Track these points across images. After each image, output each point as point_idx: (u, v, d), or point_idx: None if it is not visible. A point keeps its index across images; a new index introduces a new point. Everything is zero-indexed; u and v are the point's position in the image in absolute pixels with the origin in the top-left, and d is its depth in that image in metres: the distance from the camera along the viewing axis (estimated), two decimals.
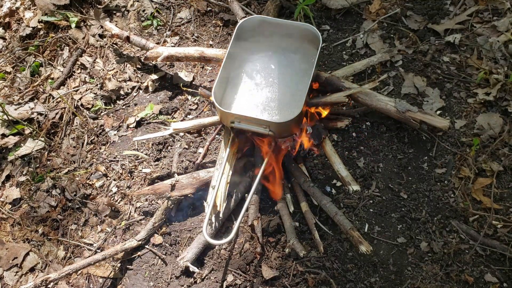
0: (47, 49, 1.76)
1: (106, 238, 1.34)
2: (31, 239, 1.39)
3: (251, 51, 1.42)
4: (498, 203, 1.22)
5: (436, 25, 1.53)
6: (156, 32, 1.76)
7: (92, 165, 1.48)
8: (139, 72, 1.69)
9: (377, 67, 1.48)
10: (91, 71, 1.70)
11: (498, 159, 1.28)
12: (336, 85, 1.32)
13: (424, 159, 1.31)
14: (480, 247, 1.17)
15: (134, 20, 1.78)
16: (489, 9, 1.52)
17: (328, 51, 1.57)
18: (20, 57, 1.76)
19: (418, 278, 1.15)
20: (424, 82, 1.43)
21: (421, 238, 1.20)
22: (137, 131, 1.53)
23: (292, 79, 1.37)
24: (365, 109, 1.38)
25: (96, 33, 1.77)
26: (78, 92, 1.65)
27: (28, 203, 1.45)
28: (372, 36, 1.56)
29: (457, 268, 1.16)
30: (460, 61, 1.45)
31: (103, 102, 1.62)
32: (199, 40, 1.71)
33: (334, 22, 1.64)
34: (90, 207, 1.40)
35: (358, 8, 1.63)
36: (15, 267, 1.35)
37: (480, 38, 1.47)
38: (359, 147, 1.35)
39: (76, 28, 1.77)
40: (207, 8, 1.78)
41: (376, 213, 1.25)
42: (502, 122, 1.32)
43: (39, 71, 1.73)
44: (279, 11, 1.67)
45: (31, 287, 1.16)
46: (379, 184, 1.28)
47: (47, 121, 1.59)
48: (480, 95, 1.37)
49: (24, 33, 1.79)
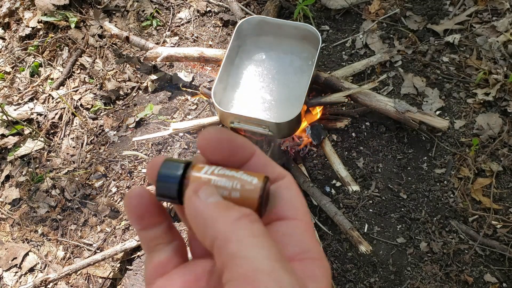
0: (46, 49, 1.76)
1: (105, 238, 1.34)
2: (30, 239, 1.39)
3: (250, 51, 1.42)
4: (497, 203, 1.22)
5: (435, 26, 1.53)
6: (156, 32, 1.76)
7: (91, 165, 1.48)
8: (139, 73, 1.69)
9: (376, 67, 1.48)
10: (90, 71, 1.69)
11: (498, 159, 1.28)
12: (335, 85, 1.32)
13: (424, 159, 1.31)
14: (480, 247, 1.17)
15: (134, 20, 1.78)
16: (489, 10, 1.52)
17: (327, 51, 1.57)
18: (20, 57, 1.75)
19: (418, 278, 1.15)
20: (423, 82, 1.43)
21: (420, 238, 1.20)
22: (137, 131, 1.53)
23: (291, 79, 1.37)
24: (365, 109, 1.38)
25: (96, 33, 1.77)
26: (77, 93, 1.65)
27: (27, 204, 1.44)
28: (372, 36, 1.56)
29: (456, 268, 1.16)
30: (459, 61, 1.45)
31: (102, 102, 1.62)
32: (198, 40, 1.71)
33: (334, 22, 1.64)
34: (90, 207, 1.40)
35: (358, 8, 1.63)
36: (15, 267, 1.35)
37: (480, 39, 1.47)
38: (358, 147, 1.35)
39: (76, 28, 1.77)
40: (207, 8, 1.78)
41: (375, 213, 1.25)
42: (501, 122, 1.32)
43: (39, 71, 1.73)
44: (279, 11, 1.67)
45: (30, 287, 1.16)
46: (378, 184, 1.28)
47: (46, 121, 1.59)
48: (479, 95, 1.37)
49: (24, 33, 1.79)
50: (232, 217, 0.24)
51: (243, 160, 0.29)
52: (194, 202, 0.26)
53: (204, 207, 0.25)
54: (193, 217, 0.26)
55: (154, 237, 0.30)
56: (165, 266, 0.29)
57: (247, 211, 0.25)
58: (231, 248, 0.23)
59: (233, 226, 0.24)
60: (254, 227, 0.24)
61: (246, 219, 0.24)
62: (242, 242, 0.23)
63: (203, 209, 0.25)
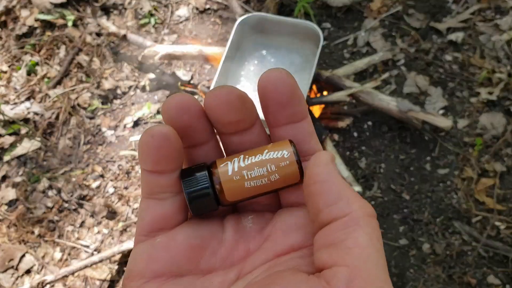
0: (43, 48, 1.74)
1: (103, 239, 1.32)
2: (27, 240, 1.37)
3: (250, 49, 1.40)
4: (501, 204, 1.20)
5: (438, 24, 1.51)
6: (154, 30, 1.73)
7: (88, 166, 1.46)
8: (137, 71, 1.67)
9: (378, 66, 1.46)
10: (87, 70, 1.67)
11: (501, 160, 1.26)
12: (337, 84, 1.30)
13: (427, 160, 1.29)
14: (483, 248, 1.15)
15: (132, 18, 1.76)
16: (492, 8, 1.50)
17: (329, 50, 1.55)
18: (16, 56, 1.73)
19: (420, 280, 1.13)
20: (426, 81, 1.41)
21: (423, 240, 1.18)
22: (134, 131, 1.51)
23: None
24: (367, 108, 1.36)
25: (93, 32, 1.75)
26: (74, 92, 1.63)
27: (24, 204, 1.42)
28: (374, 34, 1.54)
29: (459, 270, 1.14)
30: (462, 60, 1.43)
31: (100, 101, 1.60)
32: (197, 38, 1.69)
33: (335, 20, 1.62)
34: (87, 208, 1.38)
35: (359, 6, 1.61)
36: (11, 269, 1.34)
37: (483, 37, 1.45)
38: (360, 147, 1.33)
39: (73, 27, 1.75)
40: (206, 5, 1.76)
41: (378, 214, 1.22)
42: (505, 122, 1.30)
43: (35, 70, 1.71)
44: (279, 8, 1.65)
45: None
46: (381, 185, 1.27)
47: (43, 121, 1.57)
48: (483, 95, 1.36)
49: (21, 32, 1.77)
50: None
51: (248, 125, 0.27)
52: (331, 169, 0.24)
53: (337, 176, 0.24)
54: (329, 181, 0.24)
55: (163, 185, 0.26)
56: (168, 220, 0.26)
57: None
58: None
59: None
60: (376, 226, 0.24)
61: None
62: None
63: (340, 178, 0.24)
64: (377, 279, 0.21)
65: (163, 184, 0.26)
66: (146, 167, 0.25)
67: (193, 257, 0.26)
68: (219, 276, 0.26)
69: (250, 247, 0.27)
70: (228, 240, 0.27)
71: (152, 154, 0.25)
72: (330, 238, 0.23)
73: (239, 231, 0.27)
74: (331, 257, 0.22)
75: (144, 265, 0.25)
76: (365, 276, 0.21)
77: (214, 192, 0.26)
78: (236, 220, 0.28)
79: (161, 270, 0.25)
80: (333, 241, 0.22)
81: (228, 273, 0.26)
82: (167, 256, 0.25)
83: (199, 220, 0.27)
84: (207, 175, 0.25)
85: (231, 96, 0.25)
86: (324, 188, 0.23)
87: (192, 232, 0.26)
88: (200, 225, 0.27)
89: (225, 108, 0.25)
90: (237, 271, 0.26)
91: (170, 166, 0.25)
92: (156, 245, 0.25)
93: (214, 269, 0.26)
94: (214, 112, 0.25)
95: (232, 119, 0.26)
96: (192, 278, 0.25)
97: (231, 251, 0.27)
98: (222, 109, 0.25)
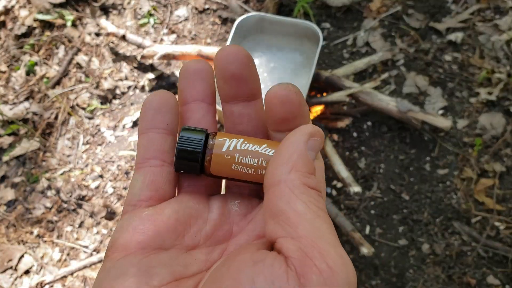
0: (42, 48, 1.73)
1: (102, 240, 1.32)
2: (26, 240, 1.37)
3: (249, 49, 1.40)
4: (500, 204, 1.20)
5: (437, 24, 1.51)
6: (153, 30, 1.73)
7: (87, 166, 1.46)
8: (136, 71, 1.66)
9: (378, 66, 1.46)
10: (86, 70, 1.67)
11: (501, 160, 1.26)
12: (336, 84, 1.30)
13: (426, 160, 1.29)
14: (483, 248, 1.15)
15: (131, 18, 1.76)
16: (491, 8, 1.50)
17: (328, 50, 1.55)
18: (15, 56, 1.73)
19: (420, 280, 1.13)
20: (426, 81, 1.41)
21: (423, 240, 1.18)
22: (134, 131, 1.51)
23: (291, 78, 1.35)
24: (366, 108, 1.35)
25: (92, 32, 1.75)
26: (73, 92, 1.62)
27: (23, 205, 1.42)
28: (373, 34, 1.53)
29: (459, 270, 1.14)
30: (462, 60, 1.43)
31: (99, 101, 1.60)
32: (196, 38, 1.69)
33: (335, 20, 1.62)
34: (86, 208, 1.38)
35: (359, 6, 1.61)
36: (10, 269, 1.33)
37: (482, 37, 1.45)
38: (360, 148, 1.33)
39: (72, 27, 1.75)
40: (205, 5, 1.76)
41: (377, 214, 1.23)
42: (504, 122, 1.30)
43: (34, 70, 1.70)
44: (279, 8, 1.65)
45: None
46: (380, 185, 1.27)
47: (42, 121, 1.56)
48: (482, 95, 1.36)
49: (20, 32, 1.76)
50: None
51: (249, 94, 0.28)
52: (300, 140, 0.24)
53: (304, 149, 0.24)
54: (288, 147, 0.24)
55: (156, 149, 0.27)
56: (158, 188, 0.27)
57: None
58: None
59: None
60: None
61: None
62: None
63: (303, 148, 0.24)
64: (324, 242, 0.21)
65: (157, 147, 0.27)
66: (146, 125, 0.27)
67: (179, 231, 0.26)
68: (203, 254, 0.26)
69: (233, 229, 0.28)
70: (213, 220, 0.27)
71: (154, 108, 0.27)
72: (272, 210, 0.23)
73: (224, 214, 0.28)
74: (275, 230, 0.22)
75: (130, 236, 0.25)
76: (310, 243, 0.21)
77: (202, 159, 0.26)
78: (223, 203, 0.28)
79: (146, 242, 0.25)
80: (275, 213, 0.23)
81: (212, 251, 0.26)
82: (153, 229, 0.25)
83: (187, 197, 0.28)
84: (203, 142, 0.26)
85: (239, 49, 0.27)
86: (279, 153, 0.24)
87: (179, 207, 0.27)
88: (187, 203, 0.27)
89: (232, 58, 0.27)
90: (221, 250, 0.27)
91: (166, 121, 0.27)
92: (143, 217, 0.26)
93: (198, 245, 0.26)
94: (221, 63, 0.27)
95: (235, 71, 0.27)
96: (176, 253, 0.25)
97: (215, 230, 0.27)
98: (228, 60, 0.27)
